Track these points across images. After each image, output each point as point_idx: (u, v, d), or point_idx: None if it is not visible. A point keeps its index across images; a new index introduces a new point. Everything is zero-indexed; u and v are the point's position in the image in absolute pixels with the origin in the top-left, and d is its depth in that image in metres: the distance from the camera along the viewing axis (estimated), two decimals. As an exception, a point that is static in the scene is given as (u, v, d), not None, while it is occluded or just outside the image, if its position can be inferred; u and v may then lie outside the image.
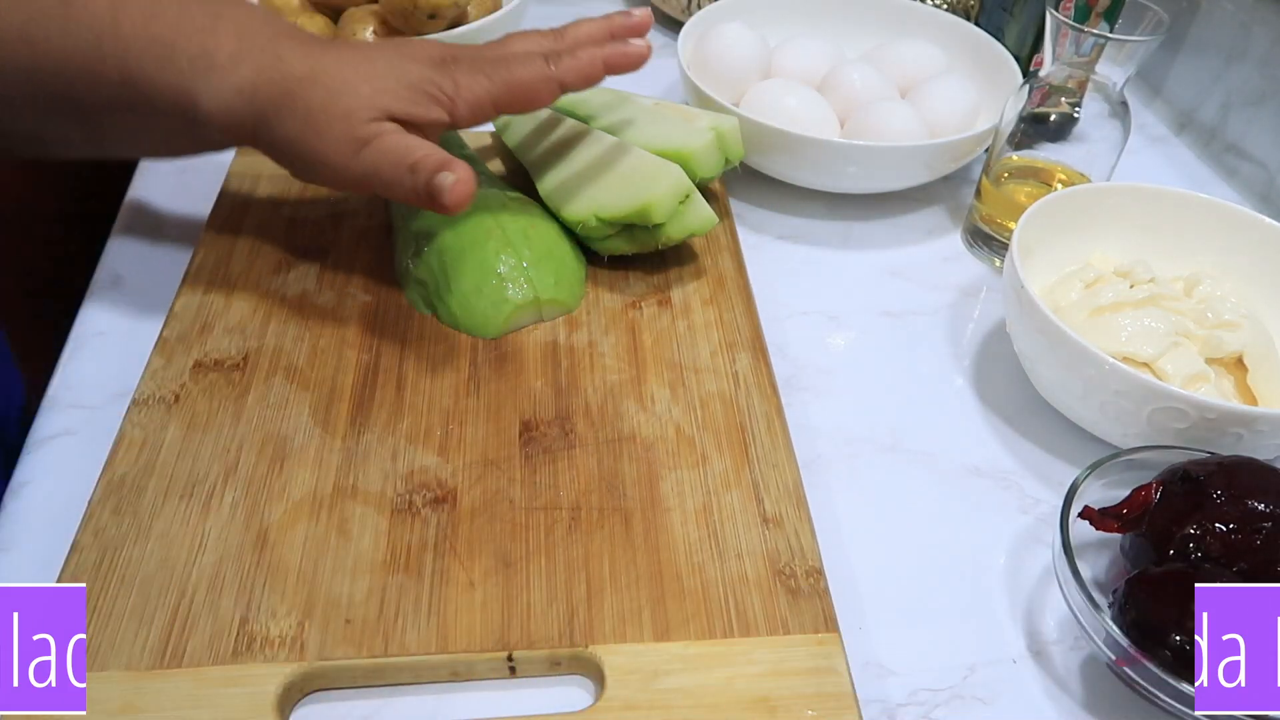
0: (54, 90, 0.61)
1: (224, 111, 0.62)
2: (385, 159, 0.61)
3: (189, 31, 0.61)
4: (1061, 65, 0.75)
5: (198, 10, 0.62)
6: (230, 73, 0.61)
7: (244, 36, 0.62)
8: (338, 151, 0.62)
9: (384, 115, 0.62)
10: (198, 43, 0.61)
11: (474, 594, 0.54)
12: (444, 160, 0.61)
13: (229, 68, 0.61)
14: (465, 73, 0.64)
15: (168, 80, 0.61)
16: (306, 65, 0.62)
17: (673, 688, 0.50)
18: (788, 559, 0.56)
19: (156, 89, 0.61)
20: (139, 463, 0.59)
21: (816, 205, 0.86)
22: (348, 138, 0.61)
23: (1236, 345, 0.65)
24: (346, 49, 0.64)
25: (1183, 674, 0.48)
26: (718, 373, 0.66)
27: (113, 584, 0.53)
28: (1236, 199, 0.91)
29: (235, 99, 0.61)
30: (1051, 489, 0.65)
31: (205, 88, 0.61)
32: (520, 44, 0.68)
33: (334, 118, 0.61)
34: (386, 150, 0.62)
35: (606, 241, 0.72)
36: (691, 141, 0.74)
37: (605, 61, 0.67)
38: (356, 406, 0.63)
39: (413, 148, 0.61)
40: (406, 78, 0.63)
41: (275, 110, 0.62)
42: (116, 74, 0.60)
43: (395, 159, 0.61)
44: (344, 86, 0.61)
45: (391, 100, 0.62)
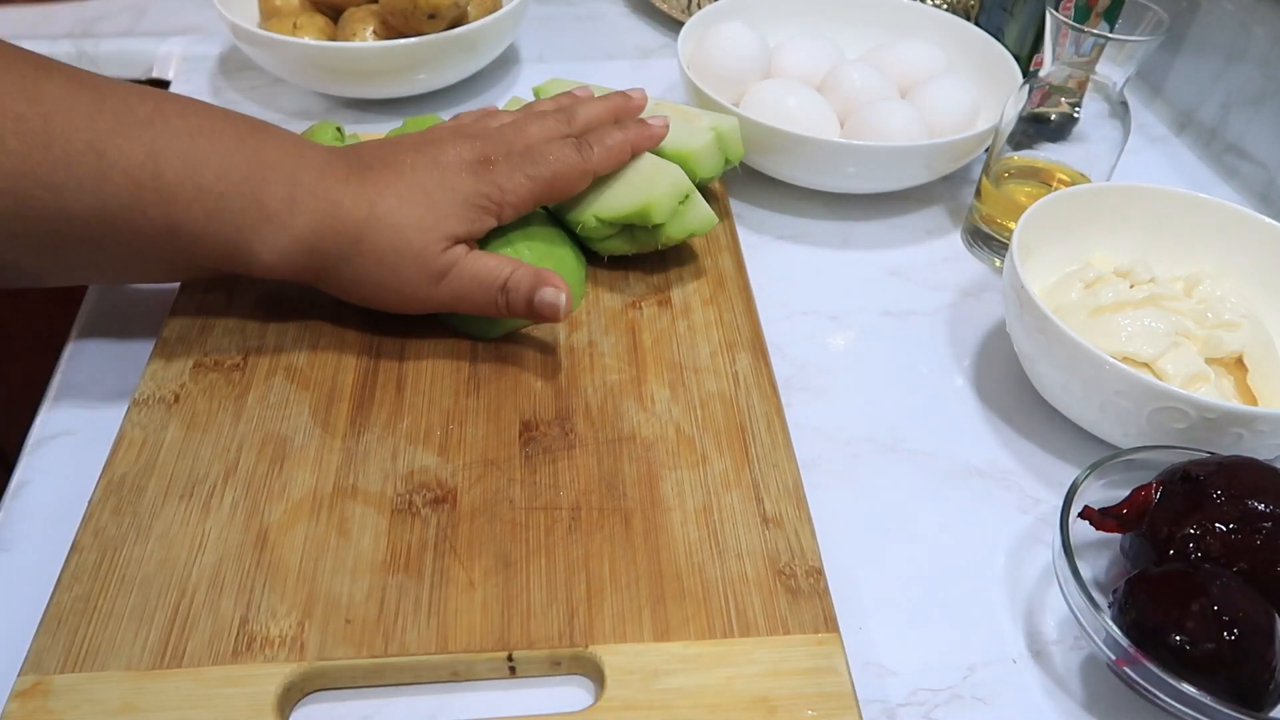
0: (85, 236, 0.58)
1: (283, 262, 0.62)
2: (471, 287, 0.64)
3: (236, 180, 0.59)
4: (1061, 65, 0.75)
5: (240, 155, 0.60)
6: (287, 223, 0.61)
7: (293, 182, 0.61)
8: (415, 287, 0.64)
9: (452, 241, 0.64)
10: (247, 192, 0.60)
11: (474, 594, 0.54)
12: (533, 279, 0.64)
13: (284, 218, 0.61)
14: (505, 175, 0.65)
15: (218, 231, 0.60)
16: (364, 208, 0.62)
17: (673, 688, 0.50)
18: (788, 559, 0.56)
19: (206, 239, 0.60)
20: (139, 463, 0.59)
21: (816, 205, 0.86)
22: (425, 273, 0.63)
23: (1236, 345, 0.65)
24: (393, 178, 0.63)
25: (1183, 674, 0.48)
26: (718, 373, 0.66)
27: (113, 584, 0.53)
28: (1236, 199, 0.91)
29: (295, 248, 0.62)
30: (1051, 489, 0.65)
31: (260, 239, 0.61)
32: (539, 129, 0.69)
33: (407, 257, 0.63)
34: (468, 279, 0.64)
35: (606, 242, 0.72)
36: (691, 142, 0.74)
37: (634, 145, 0.71)
38: (356, 406, 0.63)
39: (495, 270, 0.64)
40: (458, 196, 0.64)
41: (342, 256, 0.63)
42: (162, 223, 0.58)
43: (483, 285, 0.64)
44: (409, 224, 0.62)
45: (454, 225, 0.63)
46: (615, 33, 1.11)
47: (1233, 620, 0.49)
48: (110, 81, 0.59)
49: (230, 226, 0.60)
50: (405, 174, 0.64)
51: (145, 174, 0.57)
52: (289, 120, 0.94)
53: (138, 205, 0.57)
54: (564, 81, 0.83)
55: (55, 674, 0.49)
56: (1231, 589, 0.50)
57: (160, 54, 1.04)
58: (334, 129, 0.78)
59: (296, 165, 0.62)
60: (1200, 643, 0.49)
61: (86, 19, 1.07)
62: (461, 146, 0.66)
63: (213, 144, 0.59)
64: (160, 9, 1.10)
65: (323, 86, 0.92)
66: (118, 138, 0.57)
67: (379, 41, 0.88)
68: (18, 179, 0.54)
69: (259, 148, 0.61)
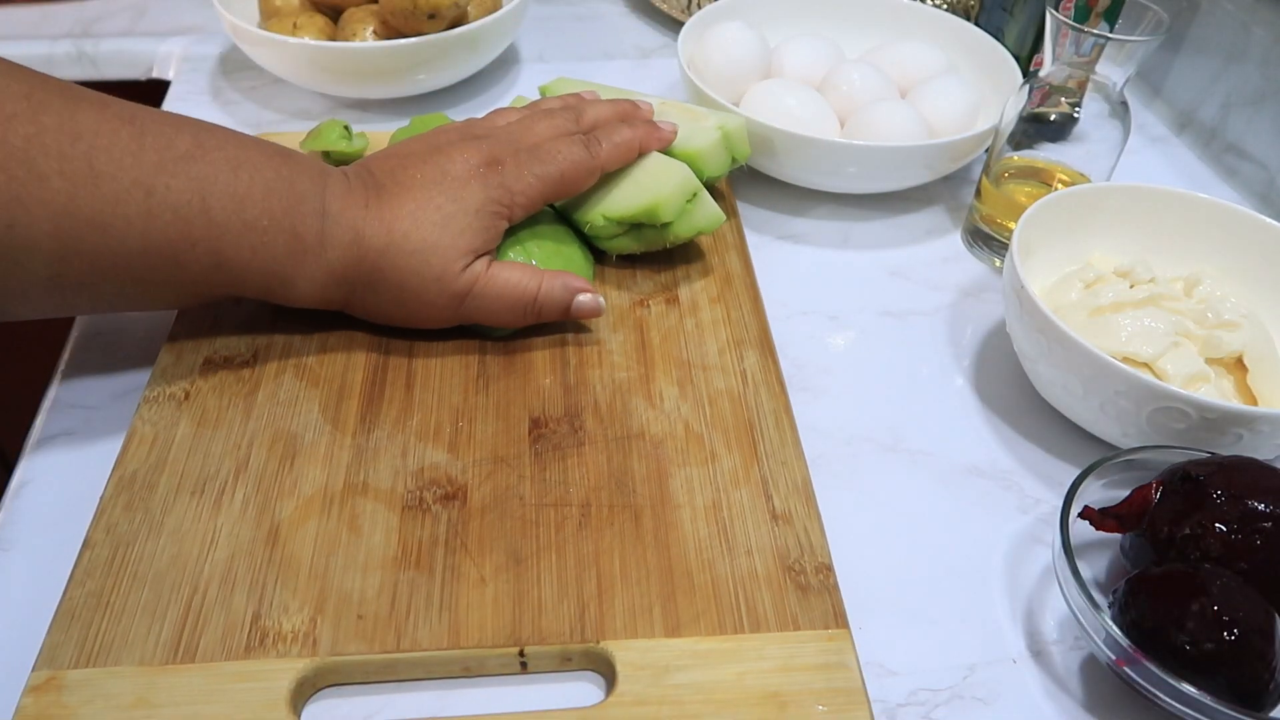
0: (128, 271, 0.58)
1: (318, 293, 0.64)
2: (498, 304, 0.66)
3: (277, 214, 0.60)
4: (1061, 65, 0.75)
5: (279, 188, 0.61)
6: (320, 255, 0.62)
7: (323, 213, 0.62)
8: (439, 306, 0.65)
9: (471, 256, 0.64)
10: (287, 226, 0.61)
11: (485, 590, 0.54)
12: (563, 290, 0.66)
13: (318, 250, 0.62)
14: (513, 176, 0.66)
15: (262, 265, 0.61)
16: (384, 236, 0.63)
17: (684, 683, 0.50)
18: (797, 555, 0.56)
19: (250, 273, 0.61)
20: (150, 459, 0.59)
21: (816, 205, 0.87)
22: (447, 294, 0.64)
23: (1236, 345, 0.66)
24: (406, 196, 0.64)
25: (1183, 674, 0.48)
26: (726, 370, 0.67)
27: (125, 580, 0.54)
28: (1236, 199, 0.91)
29: (328, 279, 0.63)
30: (1051, 489, 0.65)
31: (299, 272, 0.62)
32: (547, 127, 0.69)
33: (428, 280, 0.64)
34: (493, 297, 0.65)
35: (614, 240, 0.72)
36: (699, 140, 0.75)
37: (642, 145, 0.71)
38: (366, 403, 0.63)
39: (520, 284, 0.66)
40: (470, 207, 0.64)
41: (367, 284, 0.64)
42: (209, 258, 0.59)
43: (511, 301, 0.66)
44: (426, 247, 0.63)
45: (470, 239, 0.64)
46: (615, 33, 1.12)
47: (1233, 620, 0.49)
48: (142, 110, 0.58)
49: (273, 260, 0.61)
50: (416, 190, 0.64)
51: (193, 211, 0.57)
52: (289, 120, 0.94)
53: (185, 242, 0.58)
54: (569, 81, 0.83)
55: (69, 669, 0.50)
56: (1231, 589, 0.50)
57: (160, 54, 1.04)
58: (341, 127, 0.78)
59: (324, 195, 0.63)
60: (1200, 643, 0.49)
61: (86, 19, 1.07)
62: (469, 151, 0.66)
63: (254, 178, 0.60)
64: (160, 9, 1.10)
65: (323, 86, 0.92)
66: (164, 175, 0.57)
67: (379, 41, 0.88)
68: (65, 219, 0.54)
69: (292, 179, 0.62)
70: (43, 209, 0.53)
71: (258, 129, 0.92)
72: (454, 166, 0.65)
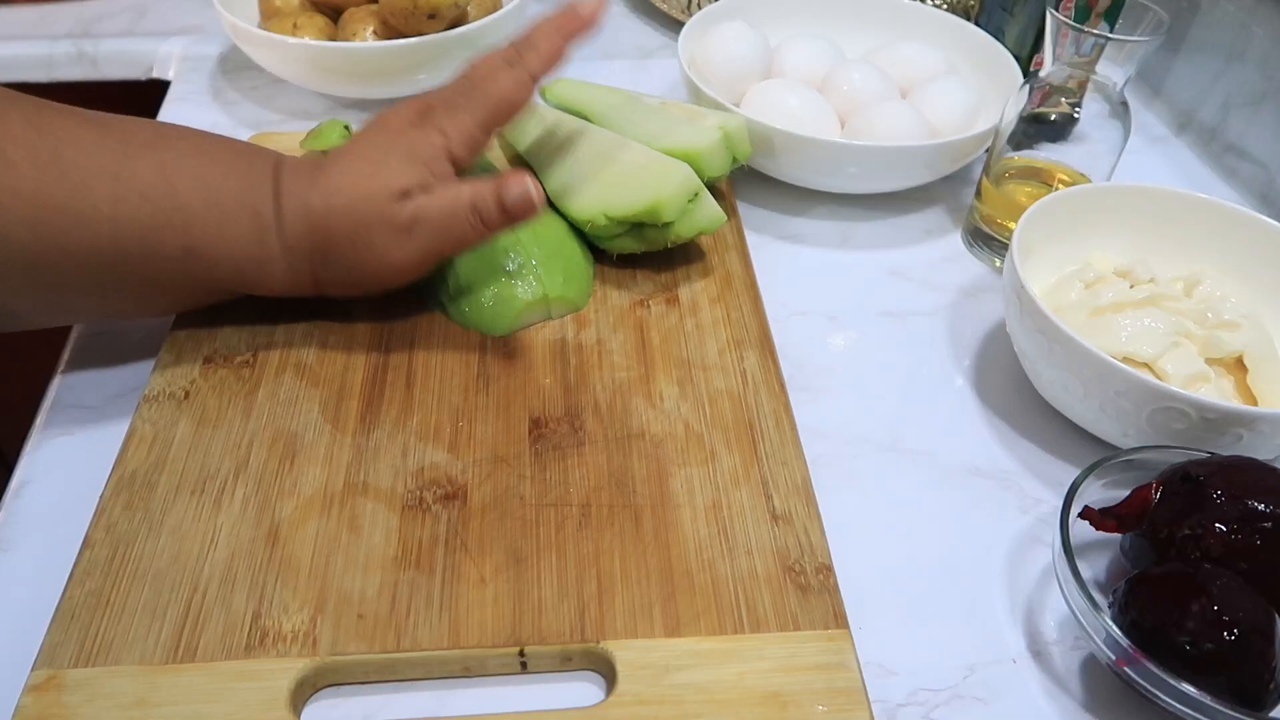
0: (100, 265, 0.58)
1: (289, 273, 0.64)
2: (443, 222, 0.63)
3: (236, 192, 0.60)
4: (1062, 65, 0.75)
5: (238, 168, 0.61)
6: (280, 233, 0.62)
7: (278, 191, 0.62)
8: (391, 251, 0.63)
9: (402, 194, 0.62)
10: (247, 203, 0.61)
11: (485, 590, 0.54)
12: (495, 184, 0.63)
13: (278, 228, 0.62)
14: (445, 116, 0.65)
15: (230, 246, 0.61)
16: (324, 200, 0.62)
17: (684, 683, 0.50)
18: (797, 555, 0.56)
19: (220, 256, 0.61)
20: (150, 459, 0.60)
21: (817, 205, 0.87)
22: (392, 233, 0.63)
23: (1236, 345, 0.66)
24: (342, 160, 0.64)
25: (1183, 674, 0.48)
26: (726, 370, 0.67)
27: (125, 579, 0.54)
28: (1236, 199, 0.91)
29: (292, 257, 0.63)
30: (1051, 489, 0.65)
31: (267, 253, 0.62)
32: (482, 66, 0.67)
33: (370, 228, 0.62)
34: (436, 218, 0.63)
35: (615, 240, 0.73)
36: (700, 141, 0.75)
37: (563, 33, 0.67)
38: (366, 403, 0.64)
39: (456, 196, 0.63)
40: (401, 151, 0.63)
41: (323, 254, 0.63)
42: (178, 242, 0.59)
43: (453, 215, 0.63)
44: (359, 197, 0.62)
45: (399, 178, 0.62)
46: (615, 33, 1.11)
47: (1233, 620, 0.49)
48: (104, 114, 0.60)
49: (240, 239, 0.61)
50: (353, 156, 0.64)
51: (160, 192, 0.58)
52: (289, 120, 0.94)
53: (153, 226, 0.58)
54: (569, 81, 0.83)
55: (69, 668, 0.50)
56: (1231, 589, 0.50)
57: (160, 54, 1.04)
58: (342, 127, 0.78)
59: (278, 175, 0.63)
60: (1200, 643, 0.49)
61: (86, 19, 1.07)
62: (404, 109, 0.66)
63: (214, 160, 0.61)
64: (160, 9, 1.10)
65: (323, 86, 0.92)
66: (129, 160, 0.58)
67: (379, 41, 0.88)
68: (35, 206, 0.55)
69: (249, 161, 0.62)
70: (13, 196, 0.55)
71: (258, 129, 0.92)
72: (390, 124, 0.65)
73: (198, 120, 0.93)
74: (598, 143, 0.75)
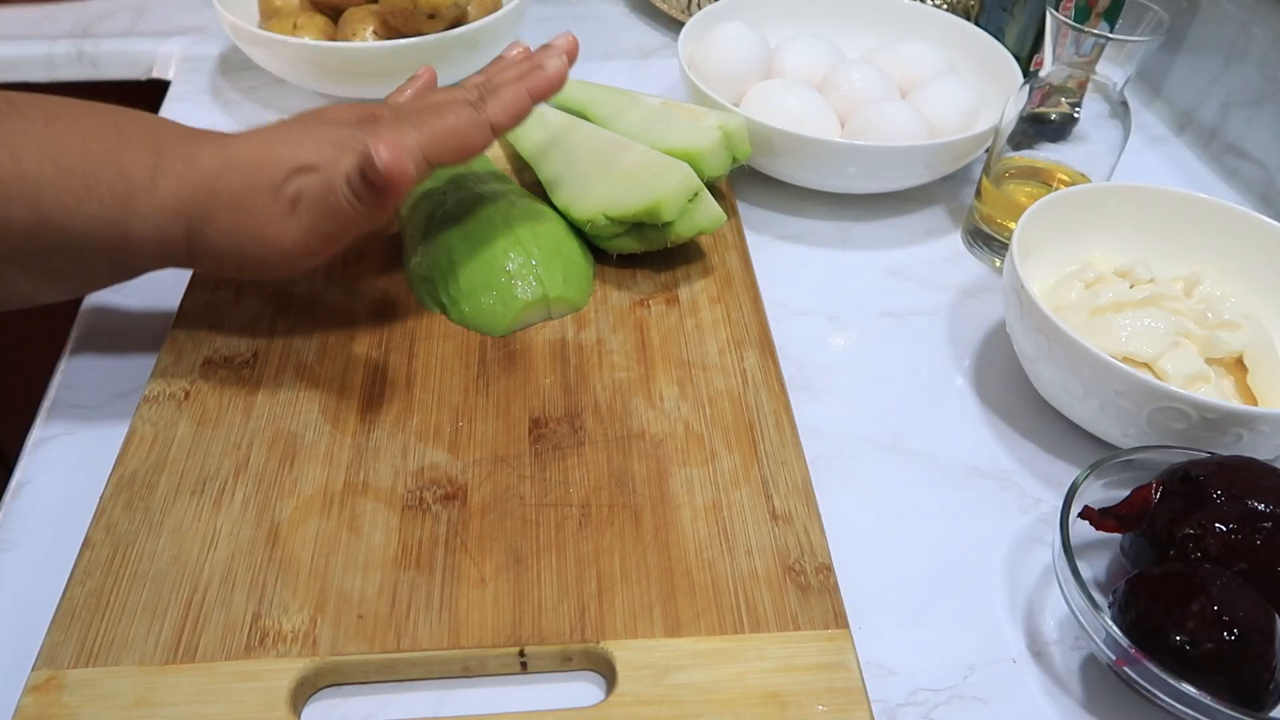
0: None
1: (156, 233, 0.58)
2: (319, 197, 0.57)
3: (99, 155, 0.56)
4: (1062, 65, 0.75)
5: (101, 130, 0.57)
6: (153, 191, 0.57)
7: (156, 148, 0.58)
8: (274, 225, 0.58)
9: (303, 170, 0.57)
10: (112, 165, 0.56)
11: (485, 590, 0.54)
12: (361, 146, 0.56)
13: (150, 186, 0.57)
14: (389, 126, 0.60)
15: (90, 213, 0.56)
16: (220, 157, 0.58)
17: (684, 683, 0.50)
18: (797, 555, 0.56)
19: (79, 224, 0.56)
20: (150, 459, 0.60)
21: (817, 205, 0.87)
22: (276, 205, 0.57)
23: (1236, 345, 0.66)
24: (262, 131, 0.60)
25: (1183, 674, 0.48)
26: (726, 370, 0.67)
27: (125, 579, 0.54)
28: (1236, 199, 0.91)
29: (164, 217, 0.57)
30: (1051, 489, 0.65)
31: (132, 214, 0.57)
32: (441, 96, 0.65)
33: (258, 190, 0.57)
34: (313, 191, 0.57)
35: (615, 240, 0.73)
36: (700, 140, 0.75)
37: (530, 92, 0.64)
38: (366, 403, 0.63)
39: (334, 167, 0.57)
40: (327, 137, 0.59)
41: (203, 216, 0.58)
42: (29, 215, 0.55)
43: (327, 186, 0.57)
44: (260, 162, 0.57)
45: (309, 154, 0.58)
46: (615, 33, 1.12)
47: (1233, 620, 0.49)
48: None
49: (99, 205, 0.56)
50: (277, 126, 0.61)
51: (3, 163, 0.54)
52: (290, 119, 0.94)
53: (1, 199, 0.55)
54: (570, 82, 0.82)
55: (69, 669, 0.50)
56: (1231, 589, 0.50)
57: (160, 54, 1.04)
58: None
59: (160, 133, 0.59)
60: (1200, 643, 0.49)
61: (86, 19, 1.07)
62: (351, 107, 0.63)
63: (71, 125, 0.57)
64: (160, 9, 1.10)
65: (323, 86, 0.92)
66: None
67: (379, 41, 0.88)
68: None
69: (120, 123, 0.58)
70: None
71: (258, 129, 0.92)
72: (327, 115, 0.62)
73: (197, 120, 0.92)
74: (598, 143, 0.75)
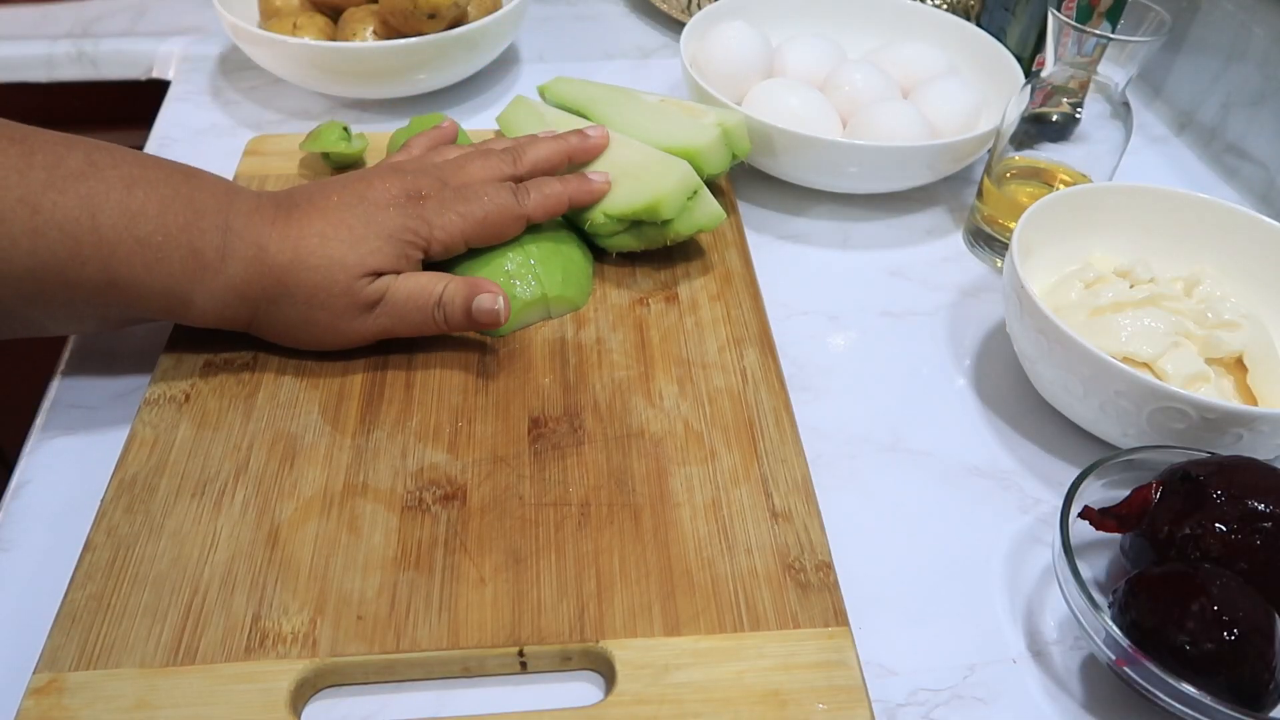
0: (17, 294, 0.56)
1: (219, 309, 0.62)
2: (406, 309, 0.64)
3: (173, 230, 0.59)
4: (1063, 66, 0.75)
5: (176, 204, 0.59)
6: (220, 271, 0.60)
7: (225, 229, 0.61)
8: (347, 322, 0.64)
9: (374, 275, 0.63)
10: (185, 242, 0.59)
11: (485, 590, 0.54)
12: (467, 289, 0.64)
13: (219, 266, 0.60)
14: (436, 211, 0.65)
15: (158, 283, 0.59)
16: (289, 251, 0.62)
17: (683, 682, 0.50)
18: (797, 553, 0.56)
19: (145, 292, 0.59)
20: (150, 461, 0.60)
21: (818, 205, 0.87)
22: (353, 307, 0.63)
23: (1236, 345, 0.66)
24: (317, 216, 0.63)
25: (1183, 674, 0.48)
26: (726, 369, 0.67)
27: (125, 582, 0.54)
28: (1236, 199, 0.91)
29: (229, 296, 0.61)
30: (1051, 489, 0.65)
31: (198, 288, 0.60)
32: (480, 168, 0.69)
33: (333, 295, 0.62)
34: (402, 301, 0.64)
35: (615, 238, 0.72)
36: (699, 138, 0.75)
37: (571, 198, 0.70)
38: (366, 404, 0.64)
39: (427, 287, 0.64)
40: (383, 230, 0.63)
41: (271, 301, 0.62)
42: (100, 276, 0.57)
43: (417, 304, 0.64)
44: (331, 263, 0.62)
45: (377, 259, 0.63)
46: (615, 33, 1.12)
47: (1233, 620, 0.49)
48: (34, 131, 0.57)
49: (169, 277, 0.59)
50: (330, 212, 0.63)
51: (82, 228, 0.56)
52: (289, 120, 0.94)
53: (75, 260, 0.56)
54: (568, 81, 0.83)
55: (70, 671, 0.50)
56: (1231, 589, 0.50)
57: (160, 54, 1.04)
58: (340, 128, 0.78)
59: (229, 212, 0.61)
60: (1200, 643, 0.49)
61: (86, 19, 1.07)
62: (391, 182, 0.65)
63: (149, 194, 0.58)
64: (160, 9, 1.10)
65: (323, 86, 0.92)
66: (51, 191, 0.55)
67: (379, 41, 0.88)
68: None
69: (193, 195, 0.60)
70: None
71: (257, 129, 0.92)
72: (373, 193, 0.65)
73: (197, 120, 0.93)
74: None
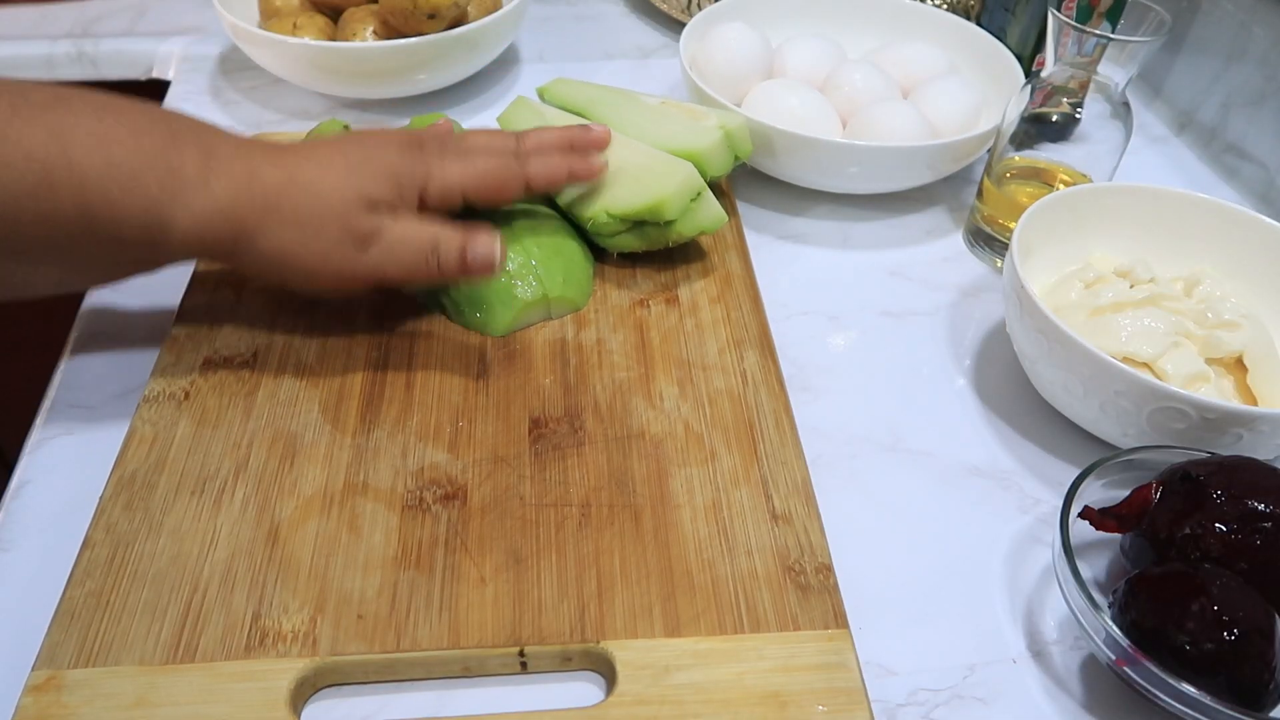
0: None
1: (201, 230, 0.59)
2: (400, 249, 0.62)
3: (149, 152, 0.57)
4: (1063, 66, 0.75)
5: (152, 128, 0.58)
6: (202, 190, 0.59)
7: (209, 152, 0.59)
8: (339, 251, 0.62)
9: (372, 204, 0.62)
10: (162, 163, 0.57)
11: (485, 590, 0.54)
12: (463, 234, 0.62)
13: (200, 185, 0.59)
14: (437, 156, 0.65)
15: (135, 204, 0.57)
16: (283, 172, 0.61)
17: (684, 683, 0.50)
18: (797, 555, 0.56)
19: (122, 215, 0.57)
20: (150, 459, 0.60)
21: (818, 205, 0.87)
22: (347, 235, 0.61)
23: (1236, 345, 0.66)
24: (316, 149, 0.63)
25: (1183, 674, 0.48)
26: (726, 370, 0.67)
27: (125, 579, 0.54)
28: (1236, 199, 0.91)
29: (214, 216, 0.59)
30: (1051, 489, 0.65)
31: (178, 208, 0.58)
32: (485, 140, 0.69)
33: (327, 218, 0.61)
34: (396, 241, 0.62)
35: (616, 238, 0.72)
36: (702, 140, 0.75)
37: (570, 170, 0.70)
38: (366, 403, 0.64)
39: (423, 230, 0.63)
40: (381, 165, 0.63)
41: (259, 223, 0.60)
42: (73, 206, 0.55)
43: (412, 246, 0.62)
44: (327, 185, 0.61)
45: (375, 187, 0.62)
46: (615, 33, 1.11)
47: (1233, 620, 0.49)
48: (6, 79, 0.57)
49: (146, 199, 0.57)
50: (329, 146, 0.63)
51: (51, 154, 0.55)
52: (289, 120, 0.94)
53: (46, 187, 0.55)
54: (568, 82, 0.83)
55: (69, 668, 0.50)
56: (1231, 589, 0.50)
57: (160, 54, 1.04)
58: (341, 127, 0.78)
59: (212, 138, 0.61)
60: (1200, 643, 0.49)
61: (86, 19, 1.07)
62: (394, 134, 0.66)
63: (120, 120, 0.57)
64: (160, 9, 1.10)
65: (323, 86, 0.92)
66: (17, 120, 0.55)
67: (379, 41, 0.89)
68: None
69: (169, 122, 0.60)
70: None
71: (258, 129, 0.92)
72: (374, 139, 0.65)
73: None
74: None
